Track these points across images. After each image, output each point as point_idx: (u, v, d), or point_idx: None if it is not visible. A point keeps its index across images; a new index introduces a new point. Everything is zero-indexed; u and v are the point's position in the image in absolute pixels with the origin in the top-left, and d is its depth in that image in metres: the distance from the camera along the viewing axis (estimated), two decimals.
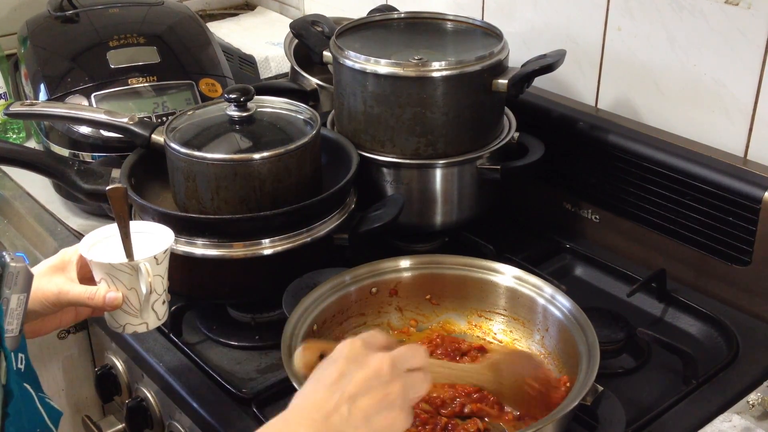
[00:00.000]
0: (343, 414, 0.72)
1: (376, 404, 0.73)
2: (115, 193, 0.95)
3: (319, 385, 0.75)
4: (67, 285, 0.96)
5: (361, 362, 0.76)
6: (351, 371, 0.74)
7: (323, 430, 0.71)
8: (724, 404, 1.06)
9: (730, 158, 1.26)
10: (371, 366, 0.75)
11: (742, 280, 1.24)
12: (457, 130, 1.30)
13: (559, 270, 1.37)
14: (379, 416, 0.73)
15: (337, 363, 0.76)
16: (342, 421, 0.71)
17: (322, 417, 0.71)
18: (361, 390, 0.73)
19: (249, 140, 1.23)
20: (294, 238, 1.17)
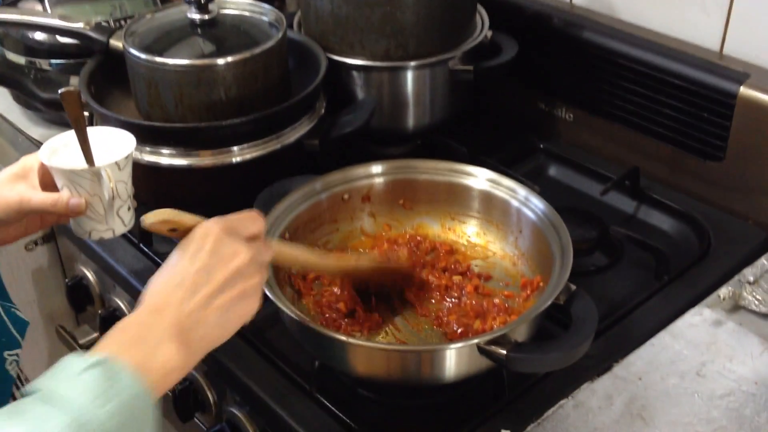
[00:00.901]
0: (199, 314, 0.72)
1: (231, 299, 0.74)
2: (69, 96, 0.92)
3: (175, 280, 0.73)
4: (29, 192, 0.94)
5: (222, 256, 0.74)
6: (211, 267, 0.74)
7: (178, 332, 0.70)
8: (696, 298, 1.07)
9: (706, 53, 1.24)
10: (233, 263, 0.74)
11: (715, 175, 1.24)
12: (428, 30, 1.26)
13: (533, 170, 1.37)
14: (234, 310, 0.74)
15: (198, 256, 0.74)
16: (197, 321, 0.72)
17: (178, 318, 0.71)
18: (219, 288, 0.73)
19: (212, 44, 1.19)
20: (263, 146, 1.15)
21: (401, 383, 0.94)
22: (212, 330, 0.73)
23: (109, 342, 0.69)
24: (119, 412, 0.63)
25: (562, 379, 0.95)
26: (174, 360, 0.69)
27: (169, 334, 0.70)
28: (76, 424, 0.61)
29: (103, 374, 0.64)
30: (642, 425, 0.89)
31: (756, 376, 0.94)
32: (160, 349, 0.69)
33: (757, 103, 1.15)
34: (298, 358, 1.00)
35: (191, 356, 0.71)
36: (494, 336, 0.86)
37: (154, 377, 0.67)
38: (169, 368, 0.69)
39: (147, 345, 0.69)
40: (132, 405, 0.64)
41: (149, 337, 0.69)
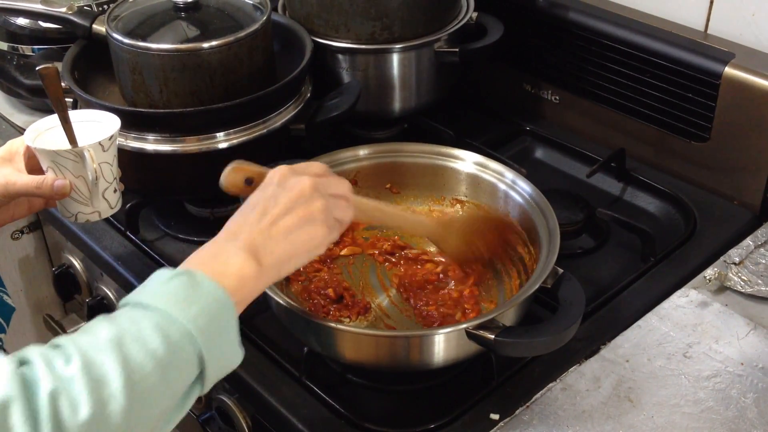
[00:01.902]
0: (265, 233, 0.77)
1: (297, 221, 0.79)
2: (48, 72, 0.91)
3: (246, 209, 0.80)
4: (14, 176, 0.94)
5: (285, 187, 0.80)
6: (277, 195, 0.80)
7: (249, 247, 0.76)
8: (682, 280, 1.08)
9: (691, 33, 1.24)
10: (295, 188, 0.80)
11: (701, 156, 1.25)
12: (414, 12, 1.26)
13: (520, 153, 1.37)
14: (300, 231, 0.79)
15: (265, 189, 0.81)
16: (265, 238, 0.77)
17: (247, 236, 0.77)
18: (285, 210, 0.79)
19: (196, 28, 1.17)
20: (249, 131, 1.14)
21: (390, 369, 0.95)
22: (280, 247, 0.78)
23: (190, 259, 0.76)
24: (203, 312, 0.69)
25: (550, 363, 0.96)
26: (246, 268, 0.75)
27: (240, 248, 0.76)
28: (165, 322, 0.67)
29: (188, 281, 0.70)
30: (629, 407, 0.89)
31: (742, 357, 0.94)
32: (234, 260, 0.75)
33: (742, 83, 1.16)
34: (287, 345, 1.00)
35: (264, 269, 0.76)
36: (482, 320, 0.86)
37: (231, 283, 0.73)
38: (243, 276, 0.74)
39: (221, 258, 0.75)
40: (214, 307, 0.70)
41: (223, 253, 0.76)
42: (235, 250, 0.75)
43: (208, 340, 0.69)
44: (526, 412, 0.90)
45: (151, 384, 0.65)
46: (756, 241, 1.10)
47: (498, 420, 0.90)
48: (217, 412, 1.06)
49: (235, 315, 0.72)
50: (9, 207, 0.99)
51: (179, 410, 0.69)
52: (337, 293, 1.01)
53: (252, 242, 0.76)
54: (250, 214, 0.79)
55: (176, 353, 0.67)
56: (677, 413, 0.88)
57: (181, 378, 0.68)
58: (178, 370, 0.67)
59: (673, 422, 0.87)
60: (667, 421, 0.88)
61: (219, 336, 0.70)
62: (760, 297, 1.03)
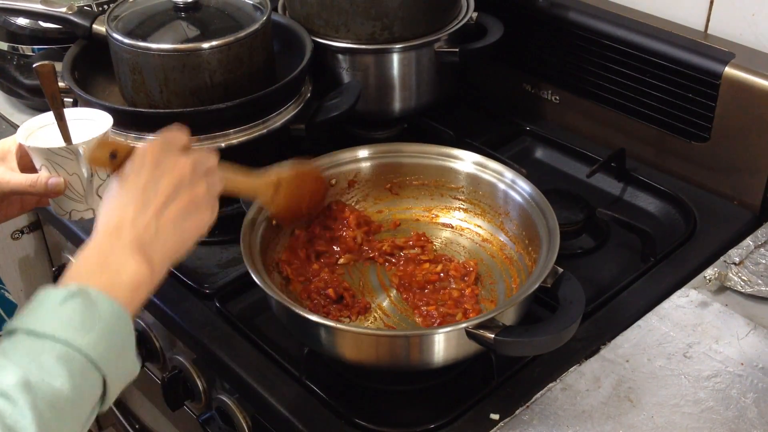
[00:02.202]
0: (152, 226, 0.74)
1: (183, 209, 0.76)
2: (44, 69, 0.91)
3: (124, 199, 0.75)
4: (7, 174, 0.94)
5: (162, 169, 0.76)
6: (156, 179, 0.75)
7: (139, 248, 0.72)
8: (682, 280, 1.08)
9: (691, 33, 1.24)
10: (175, 172, 0.76)
11: (701, 156, 1.25)
12: (414, 12, 1.26)
13: (520, 153, 1.37)
14: (187, 220, 0.76)
15: (141, 172, 0.76)
16: (152, 233, 0.73)
17: (135, 235, 0.73)
18: (168, 198, 0.75)
19: (196, 28, 1.17)
20: (249, 131, 1.14)
21: (390, 368, 0.95)
22: (170, 240, 0.74)
23: (77, 272, 0.71)
24: (104, 336, 0.67)
25: (550, 363, 0.96)
26: (139, 274, 0.71)
27: (129, 251, 0.72)
28: (67, 353, 0.64)
29: (83, 303, 0.67)
30: (629, 407, 0.89)
31: (742, 357, 0.94)
32: (125, 268, 0.71)
33: (742, 83, 1.16)
34: (287, 345, 1.00)
35: (155, 268, 0.73)
36: (482, 320, 0.86)
37: (125, 294, 0.70)
38: (136, 283, 0.71)
39: (111, 267, 0.71)
40: (114, 326, 0.68)
41: (112, 259, 0.72)
42: (125, 254, 0.72)
43: (109, 362, 0.67)
44: (526, 412, 0.90)
45: (62, 421, 0.63)
46: (756, 241, 1.10)
47: (498, 420, 0.90)
48: (217, 412, 1.06)
49: (131, 327, 0.70)
50: (1, 206, 0.98)
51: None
52: (337, 293, 1.01)
53: (140, 240, 0.72)
54: (129, 205, 0.74)
55: (82, 385, 0.65)
56: (677, 413, 0.88)
57: (88, 405, 0.66)
58: (84, 399, 0.65)
59: (673, 422, 0.87)
60: (667, 421, 0.87)
61: (119, 355, 0.69)
62: (760, 297, 1.03)
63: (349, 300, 1.01)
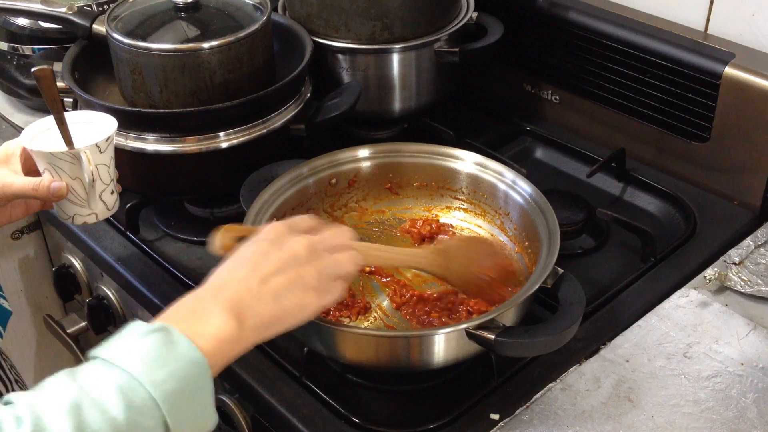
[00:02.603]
0: (253, 290, 0.73)
1: (287, 284, 0.75)
2: (42, 73, 0.91)
3: (233, 263, 0.76)
4: (11, 177, 0.94)
5: (280, 244, 0.77)
6: (268, 252, 0.76)
7: (232, 305, 0.72)
8: (682, 280, 1.08)
9: (691, 33, 1.24)
10: (289, 249, 0.77)
11: (701, 156, 1.25)
12: (414, 12, 1.26)
13: (520, 153, 1.37)
14: (290, 295, 0.75)
15: (258, 245, 0.78)
16: (251, 296, 0.73)
17: (232, 293, 0.73)
18: (276, 271, 0.75)
19: (196, 28, 1.17)
20: (249, 131, 1.14)
21: (390, 369, 0.95)
22: (266, 308, 0.74)
23: (168, 313, 0.72)
24: (174, 376, 0.65)
25: (550, 363, 0.96)
26: (227, 330, 0.71)
27: (222, 307, 0.72)
28: (129, 386, 0.63)
29: (162, 339, 0.66)
30: (629, 407, 0.89)
31: (742, 357, 0.94)
32: (213, 320, 0.71)
33: (742, 83, 1.16)
34: (287, 345, 1.00)
35: (245, 331, 0.72)
36: (482, 320, 0.86)
37: (209, 345, 0.69)
38: (222, 338, 0.70)
39: (202, 315, 0.71)
40: (188, 371, 0.66)
41: (203, 310, 0.72)
42: (218, 309, 0.71)
43: (174, 406, 0.65)
44: (526, 412, 0.90)
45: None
46: (756, 241, 1.10)
47: (498, 420, 0.90)
48: (218, 412, 1.06)
49: (209, 378, 0.68)
50: (6, 209, 0.99)
51: None
52: None
53: (238, 301, 0.72)
54: (238, 270, 0.75)
55: (138, 420, 0.63)
56: (677, 413, 0.88)
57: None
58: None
59: (673, 422, 0.87)
60: (667, 421, 0.87)
61: (189, 401, 0.66)
62: (760, 297, 1.03)
63: (348, 300, 1.01)
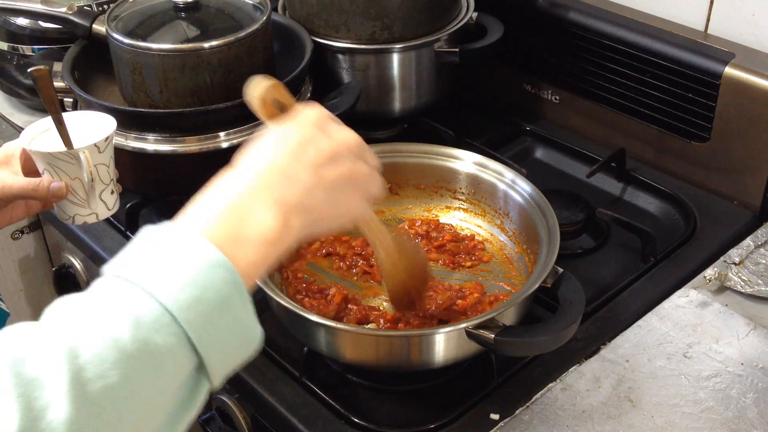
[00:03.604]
0: (306, 183, 0.63)
1: (341, 178, 0.65)
2: (40, 74, 0.91)
3: (279, 146, 0.64)
4: (11, 178, 0.94)
5: (329, 132, 0.67)
6: (317, 138, 0.65)
7: (280, 198, 0.61)
8: (682, 280, 1.08)
9: (691, 33, 1.24)
10: (340, 138, 0.67)
11: (701, 156, 1.25)
12: (414, 12, 1.26)
13: (520, 153, 1.37)
14: (342, 192, 0.66)
15: (302, 127, 0.66)
16: (303, 190, 0.63)
17: (280, 182, 0.62)
18: (327, 160, 0.65)
19: (196, 28, 1.17)
20: (249, 131, 1.14)
21: (390, 368, 0.95)
22: (319, 205, 0.63)
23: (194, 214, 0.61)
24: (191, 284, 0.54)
25: (550, 363, 0.96)
26: (271, 232, 0.60)
27: (267, 201, 0.60)
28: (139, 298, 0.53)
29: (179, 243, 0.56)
30: (629, 407, 0.89)
31: (742, 357, 0.94)
32: (254, 219, 0.60)
33: (742, 83, 1.16)
34: (287, 345, 1.00)
35: (290, 232, 0.61)
36: (482, 320, 0.86)
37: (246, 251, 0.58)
38: (263, 240, 0.59)
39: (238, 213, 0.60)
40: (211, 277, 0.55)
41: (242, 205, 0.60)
42: (260, 203, 0.60)
43: (198, 319, 0.53)
44: (526, 412, 0.90)
45: (112, 384, 0.49)
46: (756, 241, 1.10)
47: (498, 420, 0.90)
48: (217, 412, 1.06)
49: (240, 285, 0.56)
50: (6, 210, 0.98)
51: (180, 413, 0.54)
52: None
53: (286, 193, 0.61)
54: (281, 153, 0.63)
55: (148, 341, 0.51)
56: (677, 413, 0.88)
57: (164, 373, 0.52)
58: (155, 362, 0.51)
59: (673, 422, 0.87)
60: (667, 421, 0.87)
61: (218, 313, 0.55)
62: (760, 297, 1.03)
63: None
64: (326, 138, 0.66)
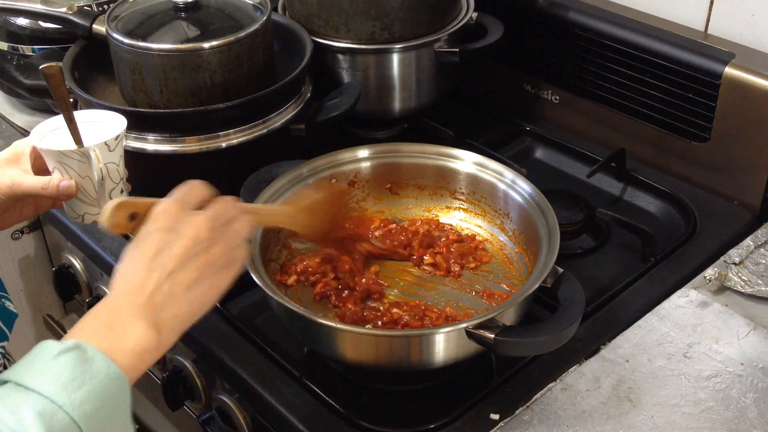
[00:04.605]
0: (165, 292, 0.70)
1: (197, 274, 0.72)
2: (52, 71, 0.91)
3: (137, 263, 0.72)
4: (20, 176, 0.94)
5: (178, 232, 0.73)
6: (168, 244, 0.72)
7: (148, 312, 0.69)
8: (682, 280, 1.08)
9: (691, 33, 1.24)
10: (188, 234, 0.73)
11: (701, 156, 1.25)
12: (414, 12, 1.26)
13: (520, 153, 1.37)
14: (202, 284, 0.73)
15: (153, 236, 0.73)
16: (164, 299, 0.70)
17: (145, 299, 0.70)
18: (181, 262, 0.72)
19: (196, 28, 1.17)
20: (250, 131, 1.14)
21: (390, 368, 0.95)
22: (183, 306, 0.71)
23: (81, 328, 0.69)
24: (92, 396, 0.63)
25: (550, 363, 0.96)
26: (145, 341, 0.68)
27: (138, 315, 0.69)
28: (50, 408, 0.61)
29: (77, 358, 0.64)
30: (629, 407, 0.89)
31: (742, 357, 0.94)
32: (130, 332, 0.68)
33: (742, 83, 1.16)
34: (287, 345, 1.00)
35: (164, 336, 0.70)
36: (482, 320, 0.86)
37: (127, 359, 0.67)
38: (141, 349, 0.68)
39: (117, 329, 0.68)
40: (106, 388, 0.64)
41: (118, 321, 0.69)
42: (133, 319, 0.69)
43: (95, 425, 0.63)
44: (526, 412, 0.90)
45: None
46: (756, 241, 1.10)
47: (498, 420, 0.90)
48: (217, 412, 1.06)
49: (128, 394, 0.66)
50: (16, 208, 0.98)
51: None
52: None
53: (152, 307, 0.70)
54: (144, 269, 0.71)
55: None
56: (677, 413, 0.88)
57: None
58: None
59: (673, 422, 0.87)
60: (667, 421, 0.87)
61: (109, 418, 0.65)
62: (760, 297, 1.03)
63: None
64: (177, 239, 0.72)
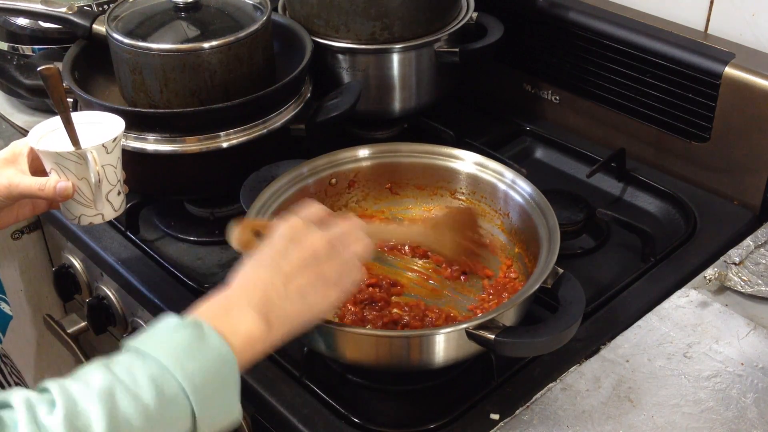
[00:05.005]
0: (280, 291, 0.76)
1: (311, 282, 0.78)
2: (50, 72, 0.91)
3: (257, 264, 0.78)
4: (18, 177, 0.94)
5: (298, 241, 0.79)
6: (289, 251, 0.78)
7: (261, 306, 0.75)
8: (682, 280, 1.08)
9: (691, 33, 1.24)
10: (307, 246, 0.79)
11: (701, 156, 1.25)
12: (414, 12, 1.26)
13: (520, 153, 1.37)
14: (312, 293, 0.78)
15: (276, 243, 0.80)
16: (279, 297, 0.76)
17: (260, 294, 0.75)
18: (298, 269, 0.78)
19: (196, 28, 1.17)
20: (250, 131, 1.14)
21: (390, 369, 0.95)
22: (292, 307, 0.77)
23: (200, 311, 0.74)
24: (203, 369, 0.68)
25: (550, 363, 0.96)
26: (257, 329, 0.73)
27: (252, 307, 0.74)
28: (161, 375, 0.66)
29: (194, 333, 0.69)
30: (629, 407, 0.89)
31: (742, 357, 0.94)
32: (244, 319, 0.73)
33: (742, 83, 1.16)
34: (287, 345, 0.99)
35: (273, 330, 0.75)
36: (482, 320, 0.86)
37: (239, 342, 0.72)
38: (252, 337, 0.73)
39: (232, 315, 0.74)
40: (217, 365, 0.69)
41: (234, 308, 0.74)
42: (248, 309, 0.74)
43: (203, 398, 0.68)
44: (526, 412, 0.90)
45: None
46: (756, 241, 1.10)
47: (498, 420, 0.90)
48: None
49: (237, 374, 0.71)
50: (13, 208, 0.99)
51: None
52: None
53: (266, 301, 0.75)
54: (263, 270, 0.78)
55: (168, 409, 0.66)
56: (677, 413, 0.88)
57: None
58: (167, 425, 0.66)
59: (673, 422, 0.87)
60: (667, 421, 0.87)
61: (216, 394, 0.69)
62: (760, 297, 1.03)
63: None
64: (296, 248, 0.79)
